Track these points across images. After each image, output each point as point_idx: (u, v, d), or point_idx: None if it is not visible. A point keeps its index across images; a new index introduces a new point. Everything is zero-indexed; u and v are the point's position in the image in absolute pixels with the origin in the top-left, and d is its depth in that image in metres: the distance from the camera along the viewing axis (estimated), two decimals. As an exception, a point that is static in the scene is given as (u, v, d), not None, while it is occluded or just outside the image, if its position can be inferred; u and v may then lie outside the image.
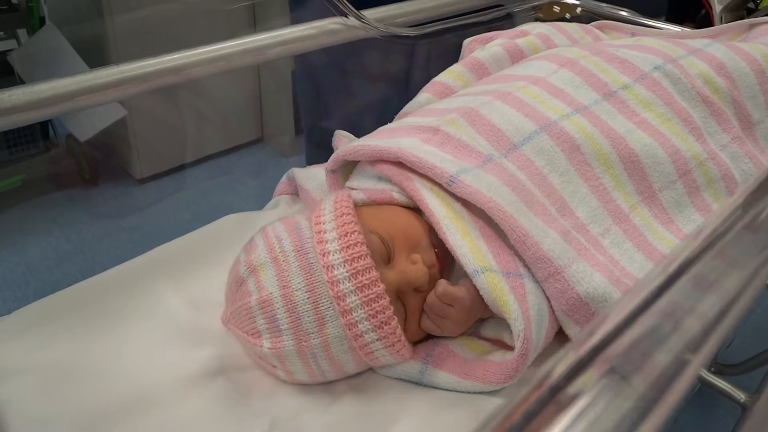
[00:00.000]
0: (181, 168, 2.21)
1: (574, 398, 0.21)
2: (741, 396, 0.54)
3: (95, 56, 1.98)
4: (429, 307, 0.53)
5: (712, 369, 0.66)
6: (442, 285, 0.52)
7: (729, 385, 0.53)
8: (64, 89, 0.60)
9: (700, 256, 0.29)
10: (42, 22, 2.03)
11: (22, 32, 2.16)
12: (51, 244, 1.88)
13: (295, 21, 0.77)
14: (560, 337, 0.57)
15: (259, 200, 0.81)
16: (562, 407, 0.20)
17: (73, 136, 2.12)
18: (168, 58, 0.68)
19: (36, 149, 2.13)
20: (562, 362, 0.22)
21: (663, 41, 0.79)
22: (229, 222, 0.73)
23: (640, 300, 0.25)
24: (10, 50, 2.02)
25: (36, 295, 0.63)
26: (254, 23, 1.95)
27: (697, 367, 0.23)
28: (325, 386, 0.55)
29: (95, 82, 0.62)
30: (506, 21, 1.04)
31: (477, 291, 0.52)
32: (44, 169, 2.13)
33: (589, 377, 0.21)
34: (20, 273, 1.78)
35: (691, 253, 0.29)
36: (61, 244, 1.89)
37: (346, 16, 0.80)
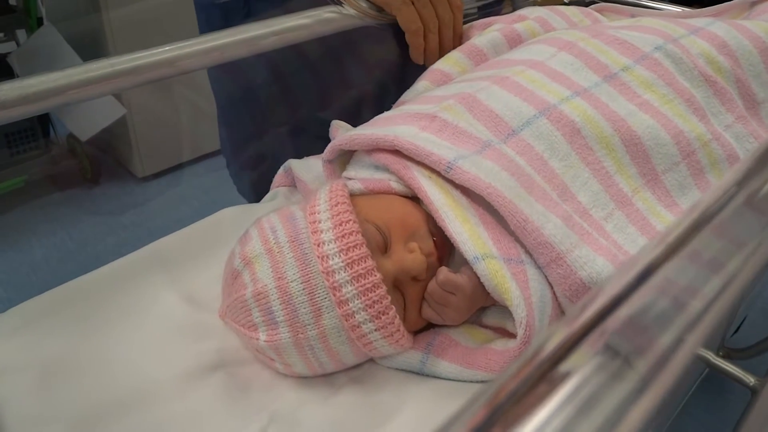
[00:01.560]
0: (182, 165, 2.20)
1: (566, 376, 0.20)
2: (750, 380, 0.53)
3: (94, 54, 1.98)
4: (430, 295, 0.52)
5: (721, 353, 0.65)
6: (444, 272, 0.51)
7: (738, 369, 0.51)
8: (54, 83, 0.59)
9: (696, 232, 0.28)
10: (40, 22, 2.03)
11: (21, 33, 2.16)
12: (54, 244, 1.89)
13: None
14: (563, 323, 0.56)
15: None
16: (554, 385, 0.19)
17: (74, 135, 2.12)
18: (160, 50, 0.66)
19: (37, 149, 2.13)
20: (553, 338, 0.21)
21: (663, 21, 0.77)
22: (225, 215, 0.72)
23: (634, 275, 0.24)
24: (10, 52, 2.02)
25: (39, 294, 0.62)
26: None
27: (694, 345, 0.22)
28: (325, 378, 0.54)
29: (86, 76, 0.61)
30: (502, 7, 1.03)
31: (478, 278, 0.51)
32: (46, 169, 2.13)
33: (582, 354, 0.20)
34: (24, 273, 1.79)
35: (687, 228, 0.28)
36: (64, 244, 1.89)
37: (340, 4, 0.79)
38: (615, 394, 0.19)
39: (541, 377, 0.19)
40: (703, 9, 0.87)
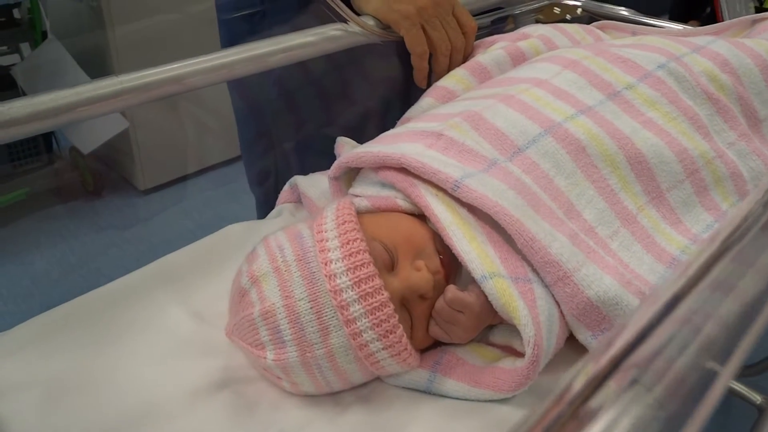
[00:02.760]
0: (184, 178, 2.21)
1: (596, 412, 0.20)
2: (757, 398, 0.53)
3: (97, 68, 1.99)
4: (438, 313, 0.52)
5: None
6: (452, 291, 0.52)
7: (744, 387, 0.51)
8: (64, 101, 0.60)
9: (718, 260, 0.28)
10: (44, 36, 2.04)
11: (24, 46, 2.18)
12: (56, 257, 1.89)
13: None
14: (570, 342, 0.56)
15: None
16: (585, 422, 0.19)
17: (76, 148, 2.13)
18: (168, 67, 0.67)
19: (39, 162, 2.14)
20: (581, 375, 0.21)
21: (666, 39, 0.78)
22: (231, 231, 0.73)
23: (658, 307, 0.24)
24: (13, 65, 2.03)
25: (41, 308, 0.62)
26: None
27: (727, 379, 0.22)
28: (332, 397, 0.54)
29: (95, 93, 0.62)
30: (504, 24, 1.04)
31: (486, 297, 0.51)
32: (48, 182, 2.14)
33: (610, 389, 0.20)
34: (25, 286, 1.79)
35: (709, 257, 0.28)
36: (66, 257, 1.89)
37: (346, 22, 0.79)
38: (647, 429, 0.19)
39: (571, 414, 0.19)
40: (705, 27, 0.88)
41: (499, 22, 1.08)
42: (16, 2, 2.04)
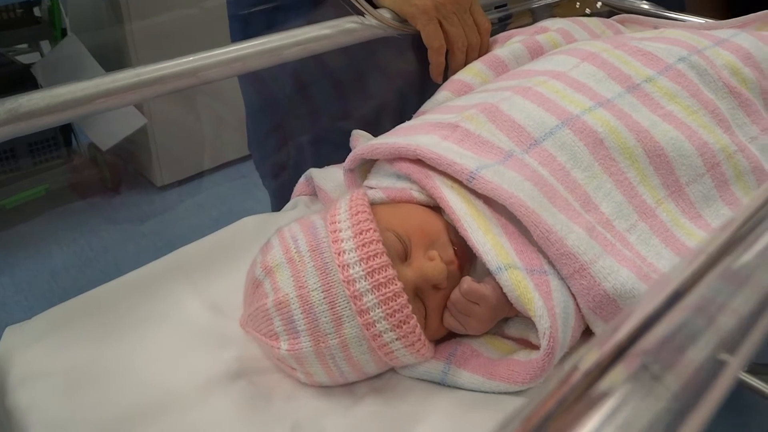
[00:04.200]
0: (201, 174, 2.22)
1: (602, 397, 0.19)
2: (778, 396, 0.52)
3: (116, 64, 2.00)
4: (453, 304, 0.52)
5: (746, 368, 0.64)
6: (467, 282, 0.51)
7: (765, 385, 0.50)
8: (82, 93, 0.60)
9: (731, 249, 0.28)
10: (64, 33, 2.07)
11: (45, 44, 2.20)
12: (75, 252, 1.91)
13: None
14: (586, 336, 0.55)
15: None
16: (590, 407, 0.19)
17: (94, 145, 2.15)
18: (184, 60, 0.67)
19: (59, 159, 2.16)
20: (587, 357, 0.20)
21: (687, 32, 0.77)
22: (247, 224, 0.73)
23: (668, 293, 0.23)
24: (34, 62, 2.06)
25: (60, 301, 0.63)
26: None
27: (737, 368, 0.21)
28: (347, 388, 0.54)
29: (112, 86, 0.62)
30: (511, 21, 1.03)
31: (501, 289, 0.50)
32: (67, 178, 2.16)
33: (617, 374, 0.20)
34: (44, 280, 1.81)
35: (721, 244, 0.27)
36: (84, 252, 1.91)
37: (363, 15, 0.79)
38: (654, 417, 0.19)
39: (576, 398, 0.19)
40: (728, 20, 0.86)
41: (506, 19, 1.08)
42: (36, 0, 2.06)
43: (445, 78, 0.84)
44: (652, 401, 0.20)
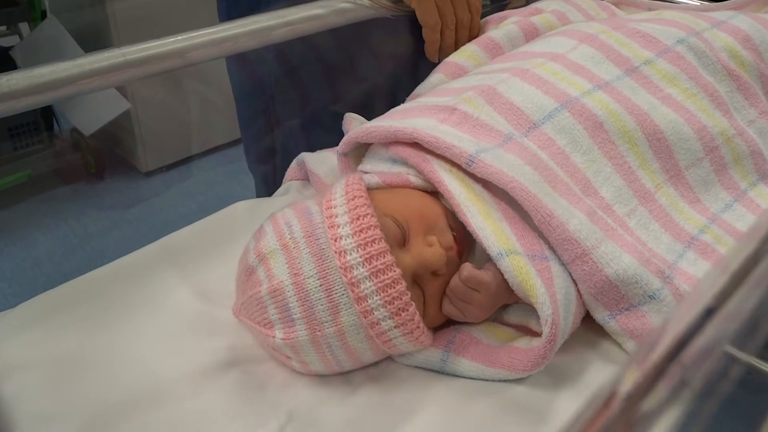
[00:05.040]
0: (187, 160, 2.19)
1: (649, 416, 0.18)
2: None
3: (98, 47, 1.96)
4: (453, 291, 0.51)
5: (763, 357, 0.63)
6: (467, 268, 0.50)
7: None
8: (64, 73, 0.58)
9: (758, 257, 0.27)
10: (44, 15, 2.01)
11: (24, 27, 2.14)
12: (58, 239, 1.87)
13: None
14: (585, 322, 0.54)
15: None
16: (638, 427, 0.18)
17: (77, 130, 2.11)
18: (171, 39, 0.65)
19: (41, 144, 2.12)
20: (627, 376, 0.19)
21: (685, 14, 0.76)
22: (238, 209, 0.71)
23: (702, 307, 0.22)
24: (13, 46, 2.01)
25: (44, 289, 0.61)
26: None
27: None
28: (343, 377, 0.53)
29: (96, 66, 0.60)
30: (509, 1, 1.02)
31: (502, 275, 0.49)
32: (50, 163, 2.12)
33: (660, 392, 0.19)
34: (28, 268, 1.78)
35: (749, 254, 0.26)
36: (68, 238, 1.88)
37: (354, -6, 0.77)
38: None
39: (623, 419, 0.18)
40: (724, 2, 0.86)
41: (500, 0, 1.06)
42: (14, -19, 2.00)
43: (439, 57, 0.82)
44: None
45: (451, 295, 0.51)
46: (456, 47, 0.82)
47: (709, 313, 0.22)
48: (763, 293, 0.27)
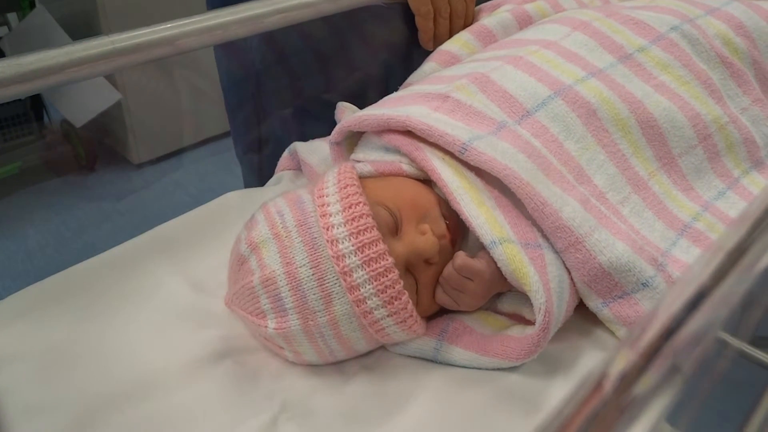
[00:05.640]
0: (179, 151, 2.17)
1: (638, 400, 0.18)
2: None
3: (87, 35, 1.94)
4: (446, 280, 0.51)
5: (752, 342, 0.63)
6: (461, 257, 0.50)
7: (759, 352, 0.50)
8: (53, 61, 0.57)
9: (750, 242, 0.27)
10: (32, 5, 1.99)
11: (12, 17, 2.12)
12: (50, 231, 1.86)
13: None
14: (579, 310, 0.54)
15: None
16: (627, 411, 0.18)
17: (67, 121, 2.09)
18: (161, 27, 0.64)
19: (31, 135, 2.10)
20: (617, 361, 0.19)
21: (679, 1, 0.75)
22: (229, 199, 0.71)
23: (692, 293, 0.22)
24: (2, 36, 1.98)
25: (36, 282, 0.60)
26: None
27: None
28: (336, 366, 0.53)
29: (85, 54, 0.59)
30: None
31: (496, 264, 0.49)
32: (40, 155, 2.10)
33: (651, 377, 0.19)
34: (19, 261, 1.76)
35: (741, 239, 0.26)
36: (60, 231, 1.86)
37: (346, -18, 0.76)
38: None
39: (614, 403, 0.18)
40: (717, -11, 0.85)
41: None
42: (2, -30, 1.98)
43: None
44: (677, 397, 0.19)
45: (444, 283, 0.51)
46: (450, 36, 0.81)
47: (700, 296, 0.22)
48: (754, 279, 0.27)
